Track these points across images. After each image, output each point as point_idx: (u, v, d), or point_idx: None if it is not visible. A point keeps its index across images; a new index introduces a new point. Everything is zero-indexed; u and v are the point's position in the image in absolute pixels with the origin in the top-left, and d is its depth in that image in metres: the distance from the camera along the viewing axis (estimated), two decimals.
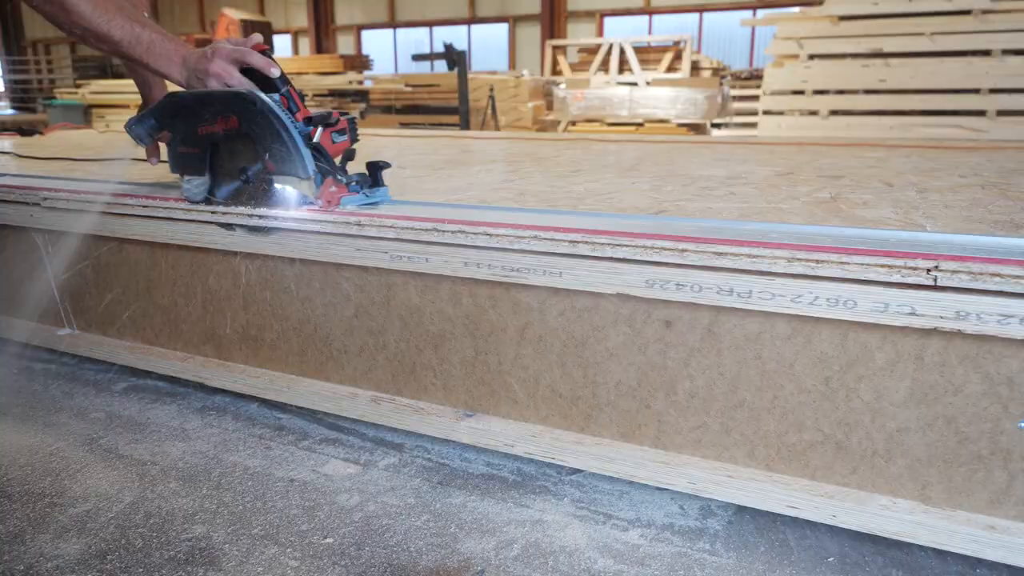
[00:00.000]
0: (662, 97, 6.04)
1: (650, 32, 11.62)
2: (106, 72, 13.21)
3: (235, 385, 1.36)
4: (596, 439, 1.08)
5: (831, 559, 0.97)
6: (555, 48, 7.12)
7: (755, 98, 6.00)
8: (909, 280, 0.82)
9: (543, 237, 1.00)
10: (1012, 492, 0.87)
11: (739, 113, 6.29)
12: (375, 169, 1.26)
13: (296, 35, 16.83)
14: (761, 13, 9.31)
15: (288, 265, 1.25)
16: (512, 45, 13.47)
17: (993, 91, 5.08)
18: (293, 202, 1.21)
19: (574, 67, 6.94)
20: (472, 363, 1.14)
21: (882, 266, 0.83)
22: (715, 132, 6.32)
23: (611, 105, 6.14)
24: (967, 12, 5.12)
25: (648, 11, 12.26)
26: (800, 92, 5.44)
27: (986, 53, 5.07)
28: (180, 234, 1.32)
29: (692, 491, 1.02)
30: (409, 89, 7.22)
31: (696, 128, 6.11)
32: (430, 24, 14.28)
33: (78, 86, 8.16)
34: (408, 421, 1.20)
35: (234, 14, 6.76)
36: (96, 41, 1.21)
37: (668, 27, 11.67)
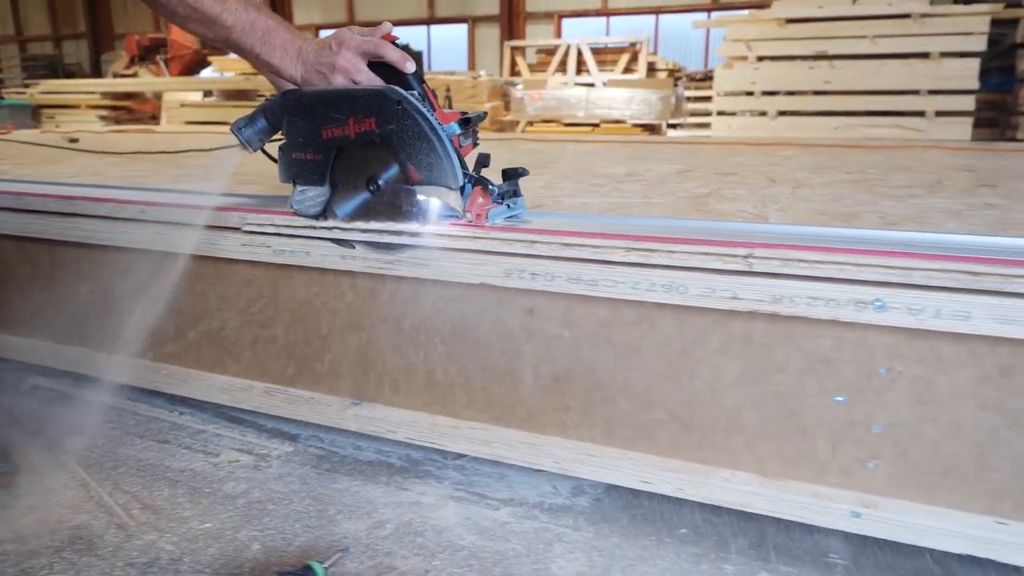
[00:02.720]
0: (617, 98, 6.14)
1: (607, 33, 11.78)
2: (56, 72, 12.99)
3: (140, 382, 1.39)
4: (471, 423, 1.13)
5: (683, 530, 1.03)
6: (513, 49, 7.20)
7: (709, 99, 6.11)
8: (729, 267, 0.88)
9: (414, 231, 1.05)
10: (835, 461, 0.94)
11: (693, 113, 6.40)
12: (514, 177, 1.11)
13: None
14: (715, 15, 9.53)
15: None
16: (472, 46, 13.54)
17: (932, 92, 5.23)
18: (435, 216, 1.06)
19: (532, 68, 7.03)
20: (357, 352, 1.19)
21: (705, 254, 0.89)
22: (671, 132, 6.43)
23: (568, 106, 6.22)
24: (907, 16, 5.27)
25: (605, 13, 12.42)
26: (750, 93, 5.56)
27: (925, 56, 5.22)
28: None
29: (558, 470, 1.08)
30: None
31: (651, 128, 6.21)
32: (392, 23, 14.27)
33: (27, 86, 8.03)
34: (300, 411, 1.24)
35: None
36: (202, 26, 1.05)
37: (625, 28, 11.84)
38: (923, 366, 0.86)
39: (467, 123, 1.07)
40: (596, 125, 6.22)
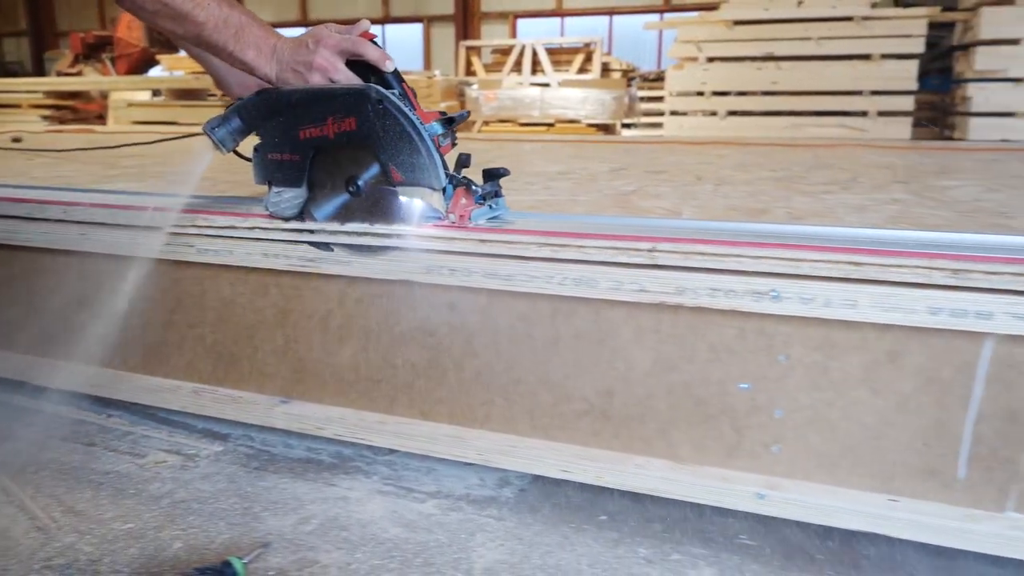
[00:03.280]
0: (572, 98, 6.19)
1: (562, 34, 11.89)
2: None
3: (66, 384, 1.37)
4: (398, 418, 1.15)
5: (603, 517, 1.07)
6: (469, 49, 7.20)
7: (662, 99, 6.20)
8: (635, 260, 0.92)
9: (329, 230, 1.06)
10: (742, 446, 0.98)
11: (647, 113, 6.49)
12: (495, 177, 1.09)
13: None
14: (667, 17, 9.68)
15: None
16: (427, 46, 13.50)
17: (874, 93, 5.40)
18: (417, 217, 1.04)
19: (488, 68, 7.04)
20: (284, 350, 1.19)
21: (613, 248, 0.92)
22: (625, 132, 6.51)
23: (523, 105, 6.26)
24: (849, 19, 5.43)
25: (560, 13, 12.53)
26: (701, 93, 5.66)
27: (867, 57, 5.38)
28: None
29: (482, 462, 1.10)
30: None
31: (606, 128, 6.28)
32: (344, 23, 14.14)
33: None
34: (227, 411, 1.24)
35: None
36: (172, 22, 1.00)
37: (579, 29, 11.97)
38: (818, 353, 0.91)
39: (450, 123, 1.06)
40: (551, 125, 6.27)
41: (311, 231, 1.09)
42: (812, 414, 0.93)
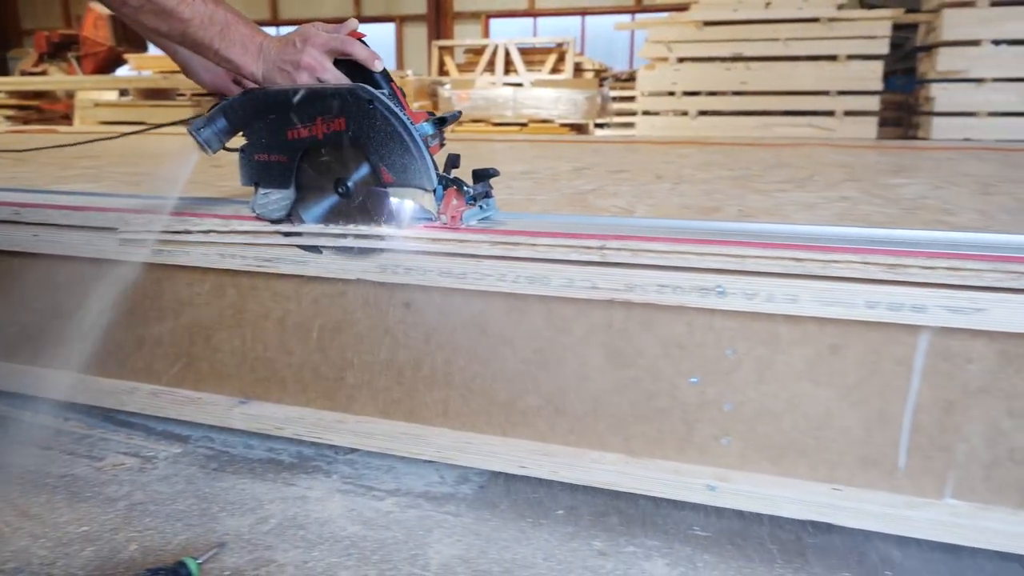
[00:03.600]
0: (545, 97, 6.22)
1: (535, 34, 11.94)
2: None
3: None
4: (357, 417, 1.15)
5: (560, 511, 1.08)
6: (441, 49, 7.20)
7: (634, 99, 6.25)
8: (585, 258, 0.93)
9: (286, 230, 1.06)
10: (692, 439, 1.00)
11: (619, 113, 6.54)
12: (485, 178, 1.09)
13: None
14: (638, 17, 9.76)
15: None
16: (399, 45, 13.45)
17: (841, 93, 5.49)
18: (408, 218, 1.03)
19: (461, 68, 7.05)
20: (242, 350, 1.19)
21: (564, 246, 0.94)
22: (598, 132, 6.56)
23: (496, 105, 6.27)
24: (816, 20, 5.52)
25: (533, 13, 12.57)
26: (672, 93, 5.72)
27: (833, 58, 5.47)
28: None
29: (441, 459, 1.11)
30: None
31: (579, 128, 6.32)
32: (315, 22, 14.05)
33: None
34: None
35: (102, 9, 6.48)
36: (156, 18, 0.97)
37: (552, 29, 12.03)
38: (764, 347, 0.93)
39: (442, 123, 1.05)
40: (524, 125, 6.29)
41: (299, 233, 1.08)
42: (759, 407, 0.96)
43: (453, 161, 1.07)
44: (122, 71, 6.87)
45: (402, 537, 1.02)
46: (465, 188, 1.06)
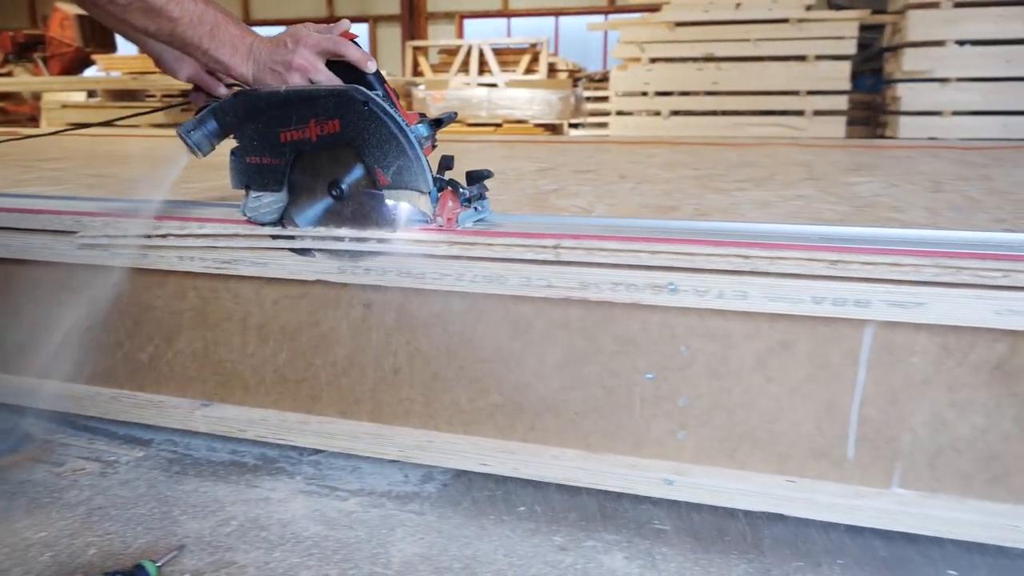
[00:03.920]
0: (519, 98, 6.23)
1: (509, 34, 11.98)
2: None
3: None
4: (320, 418, 1.16)
5: (522, 508, 1.09)
6: (415, 49, 7.19)
7: (607, 99, 6.29)
8: (540, 257, 0.95)
9: (244, 233, 1.06)
10: (649, 434, 1.02)
11: (593, 113, 6.58)
12: (479, 179, 1.09)
13: None
14: (611, 18, 9.84)
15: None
16: (373, 46, 13.39)
17: (810, 93, 5.58)
18: (404, 221, 1.02)
19: (435, 68, 7.04)
20: (205, 353, 1.19)
21: (520, 245, 0.95)
22: (572, 132, 6.59)
23: (470, 106, 6.27)
24: (785, 21, 5.59)
25: (507, 14, 12.61)
26: (644, 94, 5.76)
27: (802, 59, 5.55)
28: None
29: (403, 458, 1.12)
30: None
31: (553, 128, 6.34)
32: (286, 23, 13.97)
33: None
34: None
35: (69, 8, 6.37)
36: (144, 17, 0.95)
37: (526, 30, 12.09)
38: (716, 343, 0.95)
39: (438, 124, 1.05)
40: (499, 125, 6.30)
41: (291, 236, 1.07)
42: (713, 401, 0.98)
43: (447, 163, 1.06)
44: (90, 72, 6.77)
45: (365, 536, 1.03)
46: (461, 190, 1.06)
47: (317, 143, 1.02)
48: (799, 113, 5.61)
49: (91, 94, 6.19)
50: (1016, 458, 0.90)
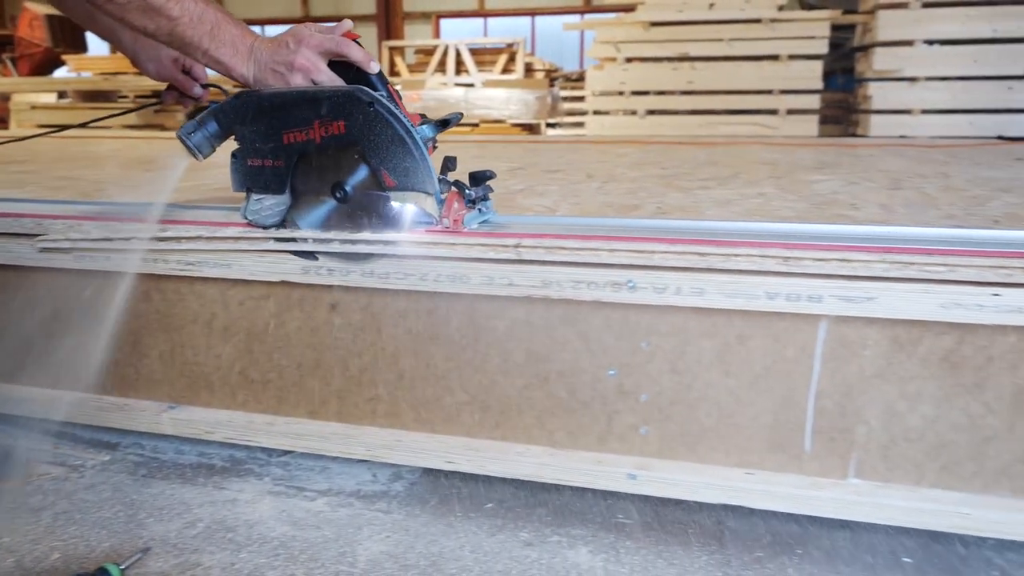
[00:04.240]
0: (495, 98, 6.25)
1: (485, 34, 12.00)
2: None
3: None
4: (287, 419, 1.16)
5: (490, 505, 1.10)
6: (392, 49, 7.17)
7: (584, 98, 6.32)
8: (502, 256, 0.96)
9: (210, 235, 1.06)
10: (613, 430, 1.03)
11: (570, 113, 6.61)
12: (483, 180, 1.08)
13: None
14: (587, 18, 9.89)
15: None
16: None
17: (783, 92, 5.64)
18: (410, 223, 1.02)
19: (412, 68, 7.04)
20: (170, 355, 1.19)
21: (482, 245, 0.96)
22: (550, 132, 6.61)
23: (447, 106, 6.26)
24: (758, 21, 5.65)
25: (483, 14, 12.63)
26: (620, 93, 5.80)
27: (775, 58, 5.61)
28: None
29: (371, 457, 1.13)
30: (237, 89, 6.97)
31: (530, 128, 6.36)
32: (262, 23, 13.65)
33: None
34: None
35: (38, 8, 6.28)
36: (143, 16, 0.94)
37: (502, 29, 12.12)
38: (675, 339, 0.97)
39: (445, 125, 1.04)
40: (476, 125, 6.31)
41: (295, 239, 1.06)
42: (674, 396, 1.00)
43: (450, 164, 1.06)
44: (60, 73, 6.67)
45: (332, 536, 1.03)
46: (466, 191, 1.06)
47: (321, 144, 1.02)
48: (773, 112, 5.67)
49: (62, 95, 6.10)
50: (965, 447, 0.92)
